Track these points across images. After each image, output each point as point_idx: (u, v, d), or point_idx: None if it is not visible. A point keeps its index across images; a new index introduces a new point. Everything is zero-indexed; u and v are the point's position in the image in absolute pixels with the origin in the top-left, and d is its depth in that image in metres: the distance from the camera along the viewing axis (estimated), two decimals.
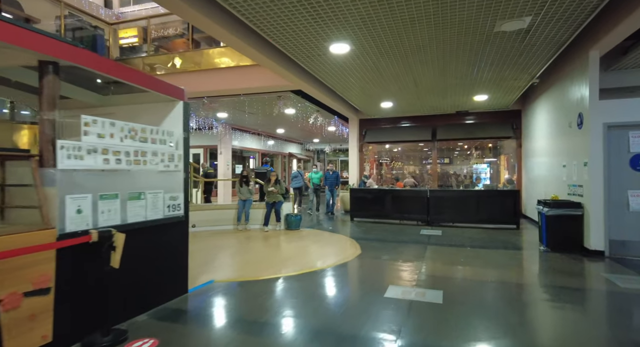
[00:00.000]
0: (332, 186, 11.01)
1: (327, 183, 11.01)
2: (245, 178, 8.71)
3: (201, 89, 8.60)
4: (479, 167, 14.50)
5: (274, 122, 13.79)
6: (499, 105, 10.47)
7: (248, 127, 15.20)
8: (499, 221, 8.78)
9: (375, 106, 10.67)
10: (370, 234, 7.99)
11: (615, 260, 5.50)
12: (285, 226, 8.47)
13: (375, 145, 16.00)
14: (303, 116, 11.50)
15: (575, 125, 6.36)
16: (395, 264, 5.31)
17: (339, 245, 6.78)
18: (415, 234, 7.89)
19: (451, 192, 9.22)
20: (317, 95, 8.91)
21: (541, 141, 8.72)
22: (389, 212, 9.72)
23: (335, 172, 11.19)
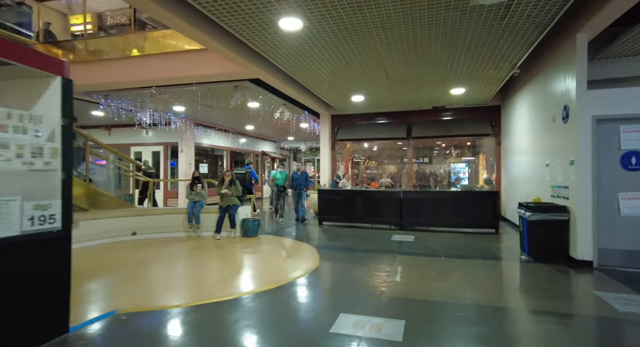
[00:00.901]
0: (301, 189, 9.64)
1: (295, 185, 9.62)
2: (197, 179, 7.69)
3: (147, 76, 7.53)
4: (456, 166, 13.90)
5: (241, 118, 12.78)
6: (477, 100, 9.81)
7: (213, 123, 14.11)
8: (477, 225, 8.09)
9: (346, 100, 9.83)
10: (336, 241, 7.13)
11: (605, 272, 4.81)
12: (241, 233, 7.51)
13: (352, 143, 15.20)
14: (268, 110, 10.50)
15: (560, 120, 5.67)
16: (355, 282, 4.45)
17: (296, 256, 5.88)
18: (385, 241, 7.08)
19: (426, 194, 8.49)
20: (278, 85, 7.98)
21: (522, 138, 8.08)
22: (360, 215, 8.90)
23: (305, 173, 9.77)
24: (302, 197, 9.73)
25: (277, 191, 9.76)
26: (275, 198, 9.87)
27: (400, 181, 14.24)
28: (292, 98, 9.79)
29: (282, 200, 9.78)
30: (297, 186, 9.65)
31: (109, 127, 14.06)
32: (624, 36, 5.60)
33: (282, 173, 9.84)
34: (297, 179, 9.66)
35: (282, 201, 9.77)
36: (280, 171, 9.85)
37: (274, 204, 9.98)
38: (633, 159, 4.92)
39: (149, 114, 10.58)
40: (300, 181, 9.65)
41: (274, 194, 10.05)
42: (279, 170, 9.89)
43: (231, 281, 4.50)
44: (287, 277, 4.57)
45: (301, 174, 9.73)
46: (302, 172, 9.75)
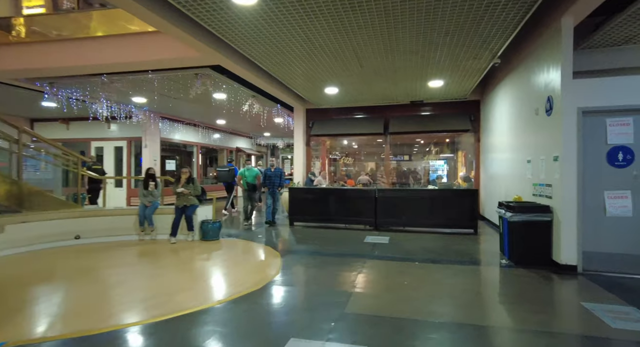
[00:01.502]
0: (274, 187, 8.56)
1: (268, 183, 8.58)
2: (151, 177, 6.93)
3: (93, 60, 6.69)
4: (435, 163, 13.55)
5: (209, 111, 11.98)
6: (456, 94, 9.40)
7: (180, 117, 13.24)
8: (455, 225, 7.67)
9: (319, 93, 9.23)
10: (304, 245, 6.54)
11: (591, 278, 4.41)
12: (200, 236, 6.81)
13: (330, 139, 14.64)
14: (235, 102, 9.75)
15: (543, 112, 5.24)
16: (316, 295, 3.87)
17: (256, 263, 5.25)
18: (358, 243, 6.54)
19: (402, 192, 8.01)
20: (243, 74, 7.30)
21: (502, 134, 7.69)
22: (334, 215, 8.34)
23: (279, 170, 8.76)
24: (276, 197, 8.63)
25: (246, 191, 8.73)
26: (246, 199, 8.80)
27: (379, 179, 13.77)
28: (262, 89, 9.12)
29: (253, 201, 8.75)
30: (270, 185, 8.59)
31: (67, 121, 12.98)
32: (608, 24, 5.21)
33: (252, 170, 8.80)
34: (271, 176, 8.55)
35: (252, 202, 8.75)
36: (248, 168, 8.83)
37: (244, 205, 8.85)
38: (620, 155, 4.53)
39: (106, 106, 9.67)
40: (273, 179, 8.56)
41: (244, 195, 8.91)
42: (247, 167, 8.90)
43: (163, 298, 3.83)
44: (235, 291, 3.93)
45: (275, 170, 8.62)
46: (275, 169, 8.65)
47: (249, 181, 8.69)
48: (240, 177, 8.83)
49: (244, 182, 8.68)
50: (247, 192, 8.71)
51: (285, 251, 6.00)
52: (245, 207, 8.80)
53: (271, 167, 8.66)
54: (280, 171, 8.73)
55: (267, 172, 8.64)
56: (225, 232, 7.66)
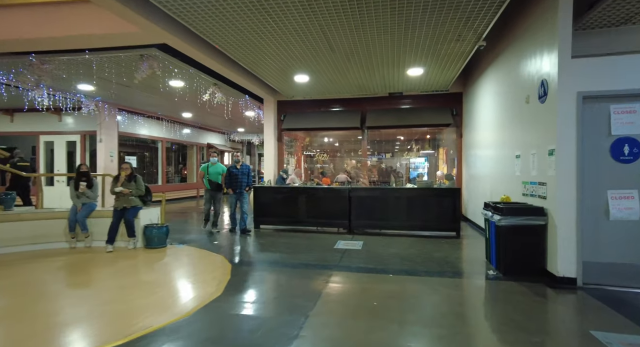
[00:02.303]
0: (242, 188, 7.23)
1: (233, 183, 7.14)
2: (84, 175, 5.91)
3: (6, 34, 5.59)
4: (415, 161, 12.90)
5: (172, 103, 10.92)
6: (437, 84, 8.71)
7: (141, 109, 12.11)
8: (435, 227, 6.96)
9: (289, 81, 8.36)
10: (265, 252, 5.67)
11: (594, 294, 3.73)
12: (144, 243, 5.84)
13: (306, 135, 13.78)
14: (193, 90, 8.73)
15: (535, 99, 4.55)
16: (258, 327, 3.02)
17: (197, 278, 4.35)
18: (327, 250, 5.73)
19: (377, 192, 7.25)
20: (198, 56, 6.36)
21: (487, 127, 7.02)
22: (304, 217, 7.51)
23: (246, 166, 7.41)
24: (243, 199, 7.25)
25: (210, 191, 7.33)
26: (207, 201, 7.38)
27: (357, 177, 13.01)
28: (226, 77, 8.18)
29: (217, 203, 7.39)
30: (237, 184, 7.19)
31: (11, 112, 11.65)
32: (604, 1, 4.55)
33: (217, 166, 7.37)
34: (237, 175, 7.18)
35: (217, 204, 7.39)
36: (211, 163, 7.41)
37: (206, 207, 7.42)
38: (626, 148, 3.87)
39: (47, 94, 8.50)
40: (240, 178, 7.18)
41: (204, 195, 7.48)
42: (210, 161, 7.47)
43: (78, 327, 2.91)
44: (147, 324, 3.03)
45: (242, 167, 7.28)
46: (242, 166, 7.32)
47: (213, 178, 7.33)
48: (202, 174, 7.40)
49: (206, 180, 7.33)
50: (209, 192, 7.34)
51: (240, 261, 5.13)
52: (206, 210, 7.48)
53: (236, 164, 7.28)
54: (248, 169, 7.41)
55: (231, 170, 7.22)
56: (178, 238, 6.71)
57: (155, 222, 6.00)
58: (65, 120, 11.55)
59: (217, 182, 7.32)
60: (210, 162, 7.45)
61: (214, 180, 7.31)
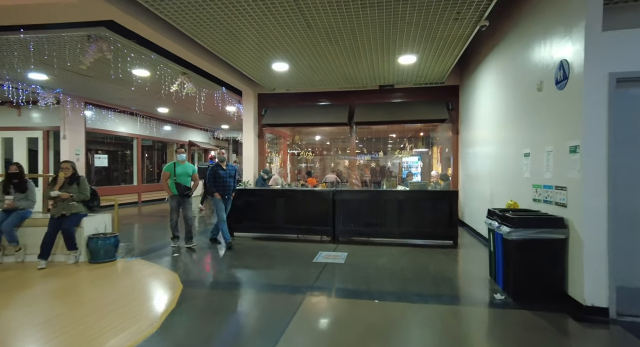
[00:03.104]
0: (229, 193, 6.03)
1: (219, 187, 5.88)
2: (14, 177, 4.98)
3: None
4: (408, 160, 12.12)
5: (144, 96, 9.98)
6: (431, 76, 7.91)
7: (111, 103, 11.12)
8: (430, 235, 6.17)
9: (267, 70, 7.49)
10: (229, 269, 4.81)
11: (633, 329, 2.94)
12: (87, 257, 4.94)
13: (293, 132, 12.91)
14: (158, 80, 7.79)
15: (551, 86, 3.75)
16: None
17: (137, 309, 3.47)
18: (304, 264, 4.89)
19: (365, 194, 6.42)
20: (156, 38, 5.48)
21: (487, 123, 6.23)
22: (283, 223, 6.66)
23: (232, 167, 6.12)
24: (229, 206, 6.17)
25: (177, 197, 5.78)
26: (174, 209, 5.83)
27: (349, 177, 12.19)
28: (197, 66, 7.29)
29: (188, 211, 5.89)
30: (224, 189, 5.93)
31: None
32: None
33: (185, 166, 5.90)
34: (223, 176, 5.91)
35: (188, 212, 5.88)
36: (179, 161, 5.90)
37: (172, 219, 5.85)
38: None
39: None
40: (226, 181, 5.95)
41: (168, 202, 5.93)
42: (178, 160, 5.89)
43: None
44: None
45: (228, 168, 6.02)
46: (228, 166, 6.07)
47: (181, 181, 5.80)
48: (166, 176, 5.83)
49: (172, 183, 5.77)
50: (176, 198, 5.79)
51: (195, 281, 4.26)
52: (174, 224, 5.85)
53: (222, 163, 5.98)
54: (234, 170, 6.16)
55: (217, 171, 5.91)
56: (140, 248, 5.83)
57: (102, 232, 5.09)
58: (26, 115, 10.52)
59: (185, 185, 5.83)
60: (177, 160, 5.92)
61: (182, 183, 5.79)
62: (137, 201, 12.87)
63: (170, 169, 5.86)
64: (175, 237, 5.96)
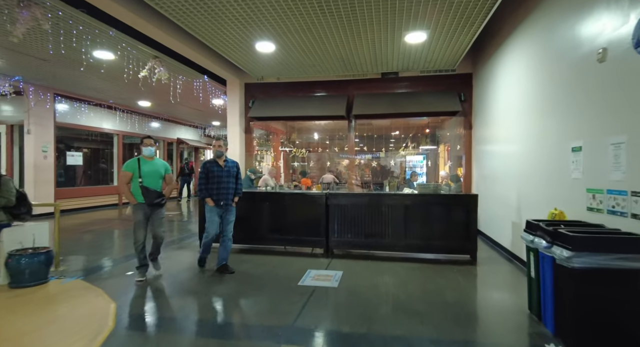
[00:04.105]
0: (229, 197, 4.49)
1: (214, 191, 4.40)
2: None
3: None
4: (412, 159, 11.06)
5: (120, 87, 8.94)
6: (443, 60, 6.86)
7: (85, 95, 10.07)
8: (443, 248, 5.11)
9: (251, 53, 6.45)
10: (186, 298, 3.74)
11: None
12: (7, 279, 3.88)
13: (287, 128, 11.86)
14: (122, 64, 6.69)
15: (622, 51, 2.69)
16: None
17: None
18: (286, 290, 3.83)
19: (364, 199, 5.35)
20: (118, 11, 4.43)
21: (512, 113, 5.17)
22: (267, 232, 5.60)
23: (233, 163, 4.62)
24: (230, 216, 4.55)
25: (144, 206, 4.10)
26: (139, 224, 4.11)
27: (348, 178, 11.13)
28: (172, 49, 6.25)
29: (158, 227, 4.25)
30: (221, 192, 4.40)
31: None
32: None
33: (154, 163, 4.26)
34: (219, 176, 4.41)
35: (158, 228, 4.25)
36: (146, 157, 4.24)
37: (136, 239, 4.12)
38: None
39: None
40: (225, 181, 4.44)
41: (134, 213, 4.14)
42: (145, 153, 4.24)
43: None
44: None
45: (227, 164, 4.51)
46: (228, 161, 4.54)
47: (150, 184, 4.13)
48: (126, 177, 4.10)
49: (136, 186, 4.09)
50: (143, 208, 4.10)
51: (134, 318, 3.20)
52: (140, 244, 4.10)
53: (218, 159, 4.45)
54: (235, 167, 4.61)
55: (210, 168, 4.41)
56: (87, 264, 4.78)
57: (30, 247, 4.03)
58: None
59: (156, 190, 4.17)
60: (143, 156, 4.22)
61: (151, 186, 4.12)
62: (118, 203, 11.81)
63: (132, 167, 4.13)
64: (143, 266, 4.14)
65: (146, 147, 4.24)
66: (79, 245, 6.08)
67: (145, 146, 4.24)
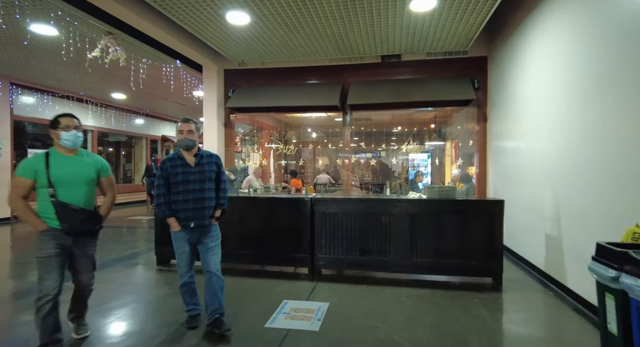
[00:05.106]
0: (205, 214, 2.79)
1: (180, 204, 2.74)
2: None
3: None
4: (415, 157, 9.97)
5: (84, 75, 7.85)
6: (453, 39, 5.78)
7: (46, 85, 8.96)
8: (458, 268, 4.02)
9: (222, 27, 5.36)
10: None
11: None
12: None
13: (275, 121, 10.77)
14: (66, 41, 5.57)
15: None
16: None
17: None
18: (246, 335, 2.75)
19: (359, 205, 4.24)
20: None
21: (542, 98, 4.07)
22: (238, 247, 4.50)
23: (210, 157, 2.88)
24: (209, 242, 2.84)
25: (59, 234, 2.42)
26: (46, 266, 2.38)
27: (347, 178, 10.02)
28: (130, 24, 5.18)
29: (84, 265, 2.60)
30: (185, 206, 2.74)
31: None
32: None
33: (77, 160, 2.55)
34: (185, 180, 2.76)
35: (83, 274, 2.61)
36: (65, 153, 2.51)
37: (40, 286, 2.38)
38: None
39: None
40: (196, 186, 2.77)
41: (39, 247, 2.42)
42: (63, 140, 2.47)
43: None
44: None
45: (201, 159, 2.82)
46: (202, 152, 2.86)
47: (67, 198, 2.42)
48: (24, 186, 2.37)
49: (44, 202, 2.41)
50: (55, 238, 2.42)
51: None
52: (45, 300, 2.34)
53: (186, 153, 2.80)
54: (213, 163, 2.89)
55: (167, 168, 2.76)
56: None
57: None
58: None
59: (83, 207, 2.50)
60: (57, 149, 2.53)
61: (70, 201, 2.44)
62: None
63: (35, 168, 2.41)
64: (54, 343, 2.39)
65: (64, 133, 2.47)
66: None
67: (64, 130, 2.48)
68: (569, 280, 3.49)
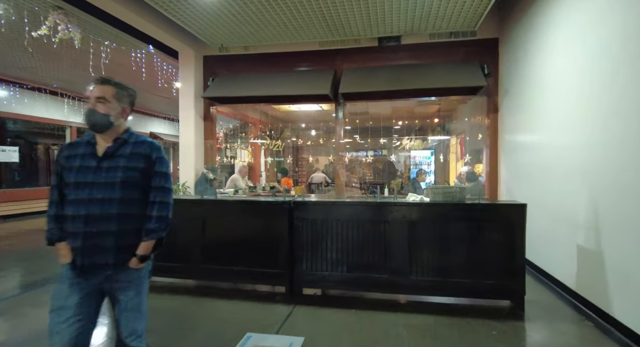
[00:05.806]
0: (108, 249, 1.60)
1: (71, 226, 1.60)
2: None
3: None
4: (417, 154, 9.20)
5: (50, 62, 7.13)
6: (460, 17, 5.00)
7: (12, 76, 8.23)
8: (468, 289, 3.25)
9: (194, 6, 4.60)
10: None
11: None
12: None
13: (261, 113, 10.02)
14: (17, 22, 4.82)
15: None
16: None
17: None
18: None
19: (346, 210, 3.47)
20: None
21: (569, 85, 3.29)
22: (202, 261, 3.73)
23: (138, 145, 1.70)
24: (121, 295, 1.65)
25: None
26: None
27: (339, 177, 9.24)
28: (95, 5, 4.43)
29: None
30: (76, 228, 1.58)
31: None
32: None
33: None
34: (83, 181, 1.60)
35: None
36: None
37: None
38: None
39: None
40: (100, 192, 1.58)
41: None
42: None
43: None
44: None
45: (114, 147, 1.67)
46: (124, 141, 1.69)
47: None
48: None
49: None
50: None
51: None
52: None
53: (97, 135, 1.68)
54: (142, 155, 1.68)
55: (68, 161, 1.65)
56: None
57: None
58: None
59: None
60: None
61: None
62: None
63: None
64: None
65: None
66: None
67: None
68: (614, 306, 2.73)
